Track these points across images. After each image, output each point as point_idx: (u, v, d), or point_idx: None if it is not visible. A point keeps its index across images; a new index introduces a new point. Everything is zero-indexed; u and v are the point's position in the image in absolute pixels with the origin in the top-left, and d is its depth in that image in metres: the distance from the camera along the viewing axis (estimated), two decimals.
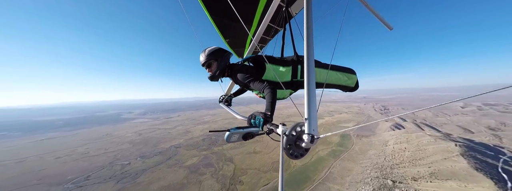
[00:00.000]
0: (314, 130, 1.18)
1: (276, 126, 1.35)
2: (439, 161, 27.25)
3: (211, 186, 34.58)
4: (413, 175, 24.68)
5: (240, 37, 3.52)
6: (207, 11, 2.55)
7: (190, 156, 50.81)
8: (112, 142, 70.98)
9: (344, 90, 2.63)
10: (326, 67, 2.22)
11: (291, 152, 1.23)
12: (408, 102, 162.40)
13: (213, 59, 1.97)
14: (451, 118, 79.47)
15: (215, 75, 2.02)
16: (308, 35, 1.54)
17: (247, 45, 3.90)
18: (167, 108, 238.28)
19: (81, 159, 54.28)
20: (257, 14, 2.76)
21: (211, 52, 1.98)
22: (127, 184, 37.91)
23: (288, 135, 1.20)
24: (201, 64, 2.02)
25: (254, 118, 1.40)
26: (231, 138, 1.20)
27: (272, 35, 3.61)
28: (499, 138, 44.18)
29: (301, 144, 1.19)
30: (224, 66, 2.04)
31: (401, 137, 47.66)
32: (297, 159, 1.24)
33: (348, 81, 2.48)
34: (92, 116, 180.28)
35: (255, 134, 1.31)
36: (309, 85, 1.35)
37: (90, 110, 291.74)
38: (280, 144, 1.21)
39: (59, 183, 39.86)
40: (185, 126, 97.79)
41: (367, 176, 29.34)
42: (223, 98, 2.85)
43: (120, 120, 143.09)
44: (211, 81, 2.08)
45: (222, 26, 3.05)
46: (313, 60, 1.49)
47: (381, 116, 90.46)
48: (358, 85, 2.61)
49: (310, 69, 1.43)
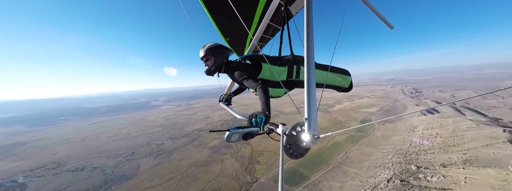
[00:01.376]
0: (314, 130, 1.18)
1: (276, 126, 1.36)
2: (479, 147, 24.24)
3: (232, 165, 38.57)
4: (442, 162, 22.87)
5: (240, 36, 3.50)
6: (207, 10, 2.55)
7: (211, 139, 56.19)
8: (147, 125, 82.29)
9: (339, 90, 2.73)
10: (323, 69, 2.33)
11: (291, 151, 1.23)
12: (449, 83, 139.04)
13: (210, 55, 2.04)
14: (504, 100, 66.57)
15: (210, 70, 2.09)
16: (308, 35, 1.52)
17: (247, 44, 3.88)
18: (188, 96, 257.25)
19: (125, 138, 65.23)
20: (257, 13, 2.75)
21: (209, 48, 2.05)
22: (163, 159, 44.99)
23: (288, 134, 1.21)
24: (200, 58, 2.12)
25: (256, 117, 1.40)
26: (231, 138, 1.20)
27: (272, 34, 3.57)
28: None
29: (301, 143, 1.19)
30: (220, 63, 2.08)
31: (433, 122, 42.85)
32: (297, 158, 1.25)
33: (342, 82, 2.58)
34: (127, 103, 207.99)
35: (255, 133, 1.31)
36: (309, 86, 1.35)
37: (125, 98, 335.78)
38: (280, 143, 1.22)
39: (114, 156, 49.61)
40: (205, 112, 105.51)
41: (388, 161, 28.40)
42: (223, 97, 2.88)
43: (149, 107, 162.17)
44: (207, 75, 2.16)
45: (222, 25, 3.03)
46: (314, 61, 1.48)
47: (411, 99, 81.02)
48: (352, 86, 2.74)
49: (310, 69, 1.42)
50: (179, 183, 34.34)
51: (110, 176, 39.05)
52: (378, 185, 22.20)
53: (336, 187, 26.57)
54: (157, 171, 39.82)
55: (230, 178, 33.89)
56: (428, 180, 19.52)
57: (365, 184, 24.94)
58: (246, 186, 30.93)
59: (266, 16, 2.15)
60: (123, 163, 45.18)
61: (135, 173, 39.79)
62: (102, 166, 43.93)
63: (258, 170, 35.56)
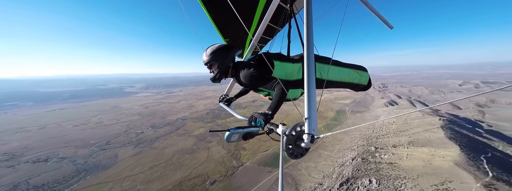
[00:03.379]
0: (314, 130, 1.18)
1: (276, 126, 1.34)
2: (420, 132, 30.74)
3: (218, 151, 40.10)
4: (394, 143, 28.52)
5: (240, 36, 3.46)
6: (206, 10, 2.51)
7: (196, 127, 55.94)
8: (122, 114, 75.96)
9: (356, 89, 2.51)
10: (337, 64, 2.18)
11: (291, 151, 1.23)
12: (408, 80, 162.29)
13: (214, 60, 1.86)
14: (445, 96, 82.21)
15: (216, 77, 1.92)
16: (308, 34, 1.54)
17: (247, 45, 3.85)
18: (168, 83, 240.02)
19: (97, 127, 59.79)
20: (257, 14, 2.72)
21: (212, 52, 1.85)
22: (144, 148, 43.66)
23: (288, 135, 1.20)
24: (204, 64, 1.94)
25: (255, 118, 1.40)
26: (231, 138, 1.21)
27: (273, 35, 3.50)
28: (482, 114, 47.66)
29: (301, 143, 1.18)
30: (226, 67, 1.91)
31: (392, 112, 51.12)
32: (297, 158, 1.25)
33: (361, 79, 2.38)
34: (94, 89, 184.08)
35: (255, 133, 1.31)
36: (309, 85, 1.36)
37: (91, 82, 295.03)
38: (280, 143, 1.21)
39: (84, 146, 45.71)
40: (188, 100, 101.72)
41: (354, 144, 33.74)
42: (223, 97, 2.73)
43: (124, 93, 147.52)
44: (213, 82, 1.99)
45: (221, 26, 2.98)
46: (313, 59, 1.49)
47: (378, 93, 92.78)
48: (370, 83, 2.50)
49: (310, 67, 1.42)
50: (164, 170, 34.56)
51: (82, 166, 36.60)
52: (344, 163, 26.77)
53: (311, 167, 30.85)
54: (139, 159, 38.85)
55: (217, 163, 35.60)
56: (381, 157, 24.46)
57: (334, 163, 29.61)
58: (232, 170, 33.18)
59: (266, 16, 2.13)
60: (97, 152, 42.37)
61: (113, 162, 38.10)
62: (71, 156, 40.51)
63: (244, 155, 38.00)
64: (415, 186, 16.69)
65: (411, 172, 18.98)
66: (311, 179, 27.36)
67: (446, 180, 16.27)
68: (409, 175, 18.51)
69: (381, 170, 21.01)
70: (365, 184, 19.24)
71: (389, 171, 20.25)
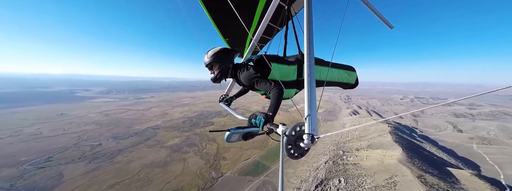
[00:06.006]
0: (314, 130, 1.19)
1: (276, 126, 1.34)
2: (375, 137, 37.11)
3: (196, 162, 37.62)
4: (357, 147, 33.42)
5: (239, 36, 3.48)
6: (206, 10, 2.52)
7: (171, 137, 51.22)
8: (71, 122, 63.00)
9: (344, 87, 2.68)
10: (328, 65, 2.24)
11: (291, 152, 1.25)
12: (366, 93, 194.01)
13: (215, 61, 1.99)
14: (392, 107, 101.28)
15: (217, 78, 2.05)
16: (308, 34, 1.53)
17: (247, 45, 3.86)
18: (137, 88, 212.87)
19: (32, 140, 47.62)
20: (257, 13, 2.73)
21: (213, 54, 1.99)
22: (102, 163, 37.06)
23: (288, 135, 1.21)
24: (205, 65, 2.07)
25: (255, 118, 1.41)
26: (231, 138, 1.21)
27: (272, 34, 3.53)
28: (416, 122, 61.01)
29: (301, 143, 1.19)
30: (226, 68, 2.05)
31: (355, 120, 59.62)
32: (297, 158, 1.26)
33: (349, 78, 2.53)
34: (33, 92, 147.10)
35: (255, 134, 1.32)
36: (309, 85, 1.36)
37: (29, 84, 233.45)
38: (280, 144, 1.23)
39: (11, 164, 35.50)
40: (162, 107, 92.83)
41: (327, 149, 37.59)
42: (223, 97, 2.79)
43: (75, 98, 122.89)
44: (213, 83, 2.11)
45: (221, 25, 3.00)
46: (314, 59, 1.49)
47: (344, 104, 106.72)
48: (358, 82, 2.66)
49: (310, 68, 1.42)
50: (128, 187, 30.00)
51: None
52: (318, 167, 29.48)
53: (290, 173, 32.45)
54: (94, 177, 32.64)
55: (194, 176, 33.20)
56: (348, 159, 28.30)
57: (310, 168, 32.08)
58: (211, 182, 31.53)
59: (266, 16, 2.14)
60: (32, 172, 33.63)
61: (55, 183, 30.81)
62: None
63: (224, 165, 36.79)
64: (373, 181, 20.14)
65: (369, 170, 22.74)
66: (290, 185, 28.71)
67: (393, 175, 20.34)
68: (368, 173, 22.15)
69: (348, 170, 24.29)
70: (335, 184, 21.83)
71: (354, 171, 23.64)
